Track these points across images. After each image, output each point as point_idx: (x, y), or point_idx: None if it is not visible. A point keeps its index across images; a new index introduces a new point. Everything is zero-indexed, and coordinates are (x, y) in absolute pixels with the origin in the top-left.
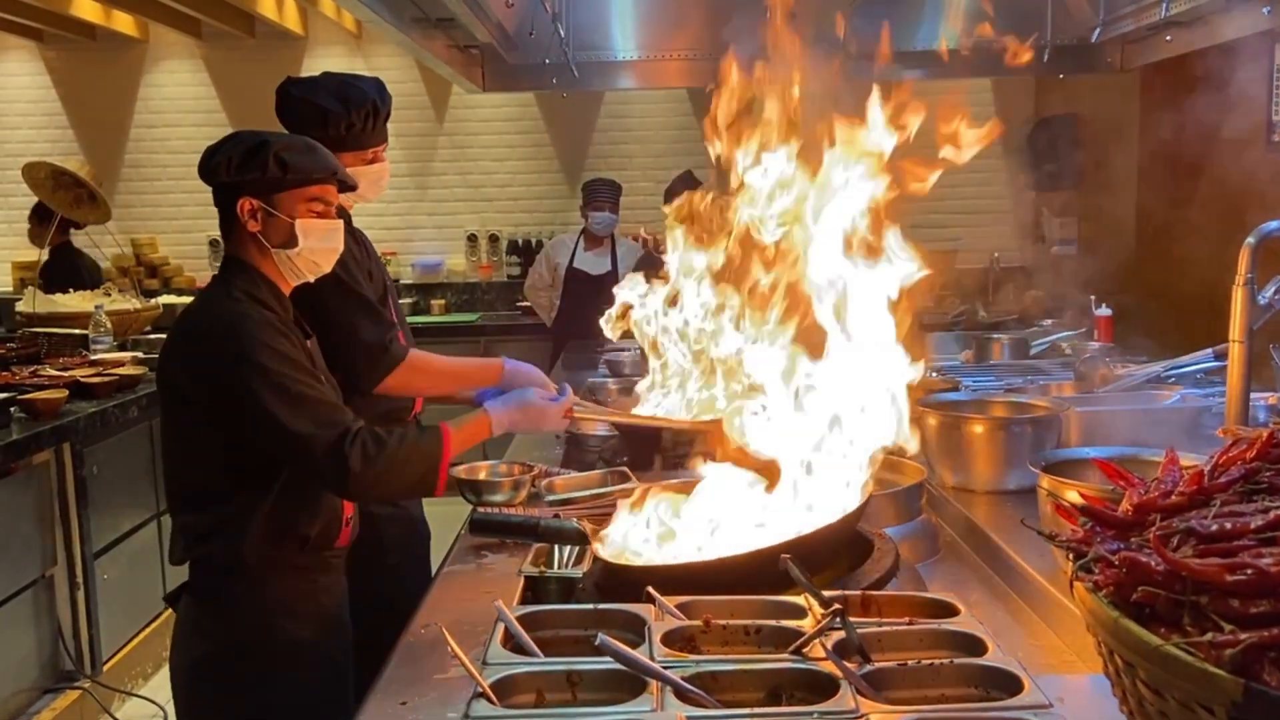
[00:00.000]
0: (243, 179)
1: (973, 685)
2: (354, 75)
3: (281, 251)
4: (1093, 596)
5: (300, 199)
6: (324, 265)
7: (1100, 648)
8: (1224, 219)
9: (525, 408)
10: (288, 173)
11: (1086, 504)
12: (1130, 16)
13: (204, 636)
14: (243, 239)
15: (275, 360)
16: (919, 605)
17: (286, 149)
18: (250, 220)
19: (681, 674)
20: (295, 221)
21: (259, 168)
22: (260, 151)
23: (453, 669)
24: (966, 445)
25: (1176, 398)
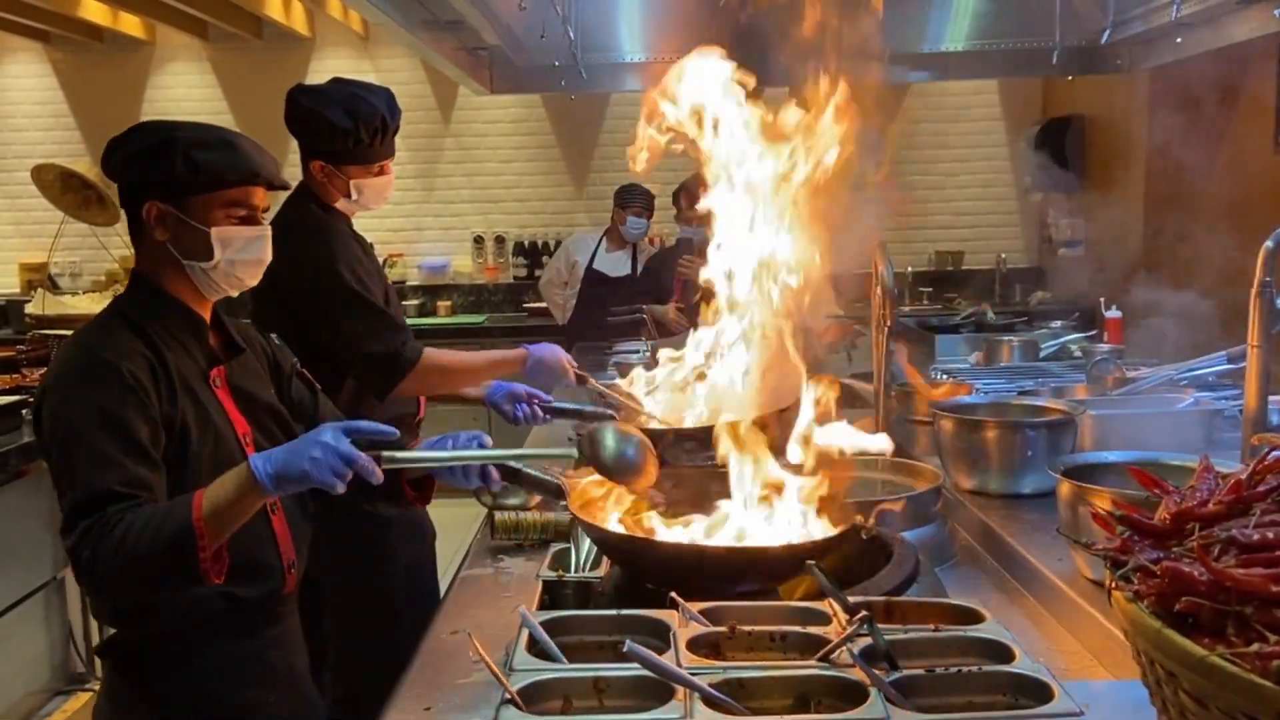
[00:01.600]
0: (147, 179)
1: (1001, 692)
2: (364, 85)
3: (195, 264)
4: (1134, 606)
5: (216, 204)
6: (247, 279)
7: (1139, 657)
8: (1232, 221)
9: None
10: (199, 174)
11: (1124, 512)
12: (1140, 18)
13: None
14: (150, 248)
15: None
16: (943, 611)
17: (198, 145)
18: (158, 228)
19: (709, 680)
20: (211, 230)
21: (165, 167)
22: (167, 149)
23: (475, 674)
24: (982, 449)
25: (1191, 401)
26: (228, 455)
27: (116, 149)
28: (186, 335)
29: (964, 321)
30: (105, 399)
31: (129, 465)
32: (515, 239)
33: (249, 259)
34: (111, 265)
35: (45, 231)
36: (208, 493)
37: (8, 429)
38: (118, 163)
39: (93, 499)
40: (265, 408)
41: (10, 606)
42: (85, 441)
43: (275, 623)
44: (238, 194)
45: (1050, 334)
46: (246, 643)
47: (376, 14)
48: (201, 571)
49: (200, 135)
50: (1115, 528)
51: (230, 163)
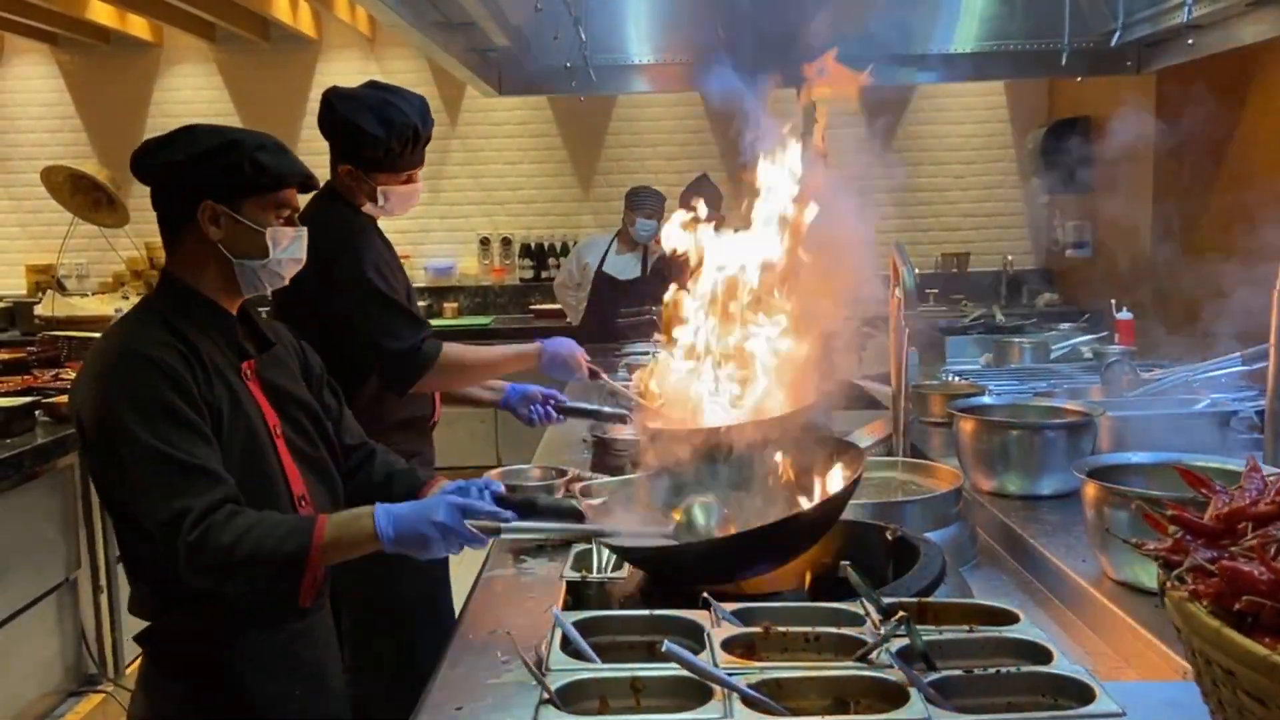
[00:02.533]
0: (208, 181)
1: (1041, 693)
2: (399, 92)
3: (247, 262)
4: (1191, 606)
5: (270, 205)
6: (287, 276)
7: (1194, 657)
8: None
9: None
10: (263, 175)
11: (1176, 513)
12: (1150, 19)
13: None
14: (190, 248)
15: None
16: (977, 612)
17: (260, 149)
18: (212, 227)
19: (747, 681)
20: (266, 230)
21: (230, 169)
22: (232, 151)
23: (505, 674)
24: (1002, 450)
25: (1207, 402)
26: (259, 446)
27: (164, 149)
28: (217, 332)
29: (972, 324)
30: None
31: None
32: (521, 241)
33: (293, 258)
34: (119, 267)
35: (52, 233)
36: (330, 525)
37: (20, 430)
38: (170, 162)
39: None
40: (296, 401)
41: (24, 608)
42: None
43: (303, 617)
44: (286, 196)
45: (1060, 335)
46: (273, 636)
47: (389, 14)
48: (300, 592)
49: (259, 140)
50: (1168, 528)
51: (288, 166)
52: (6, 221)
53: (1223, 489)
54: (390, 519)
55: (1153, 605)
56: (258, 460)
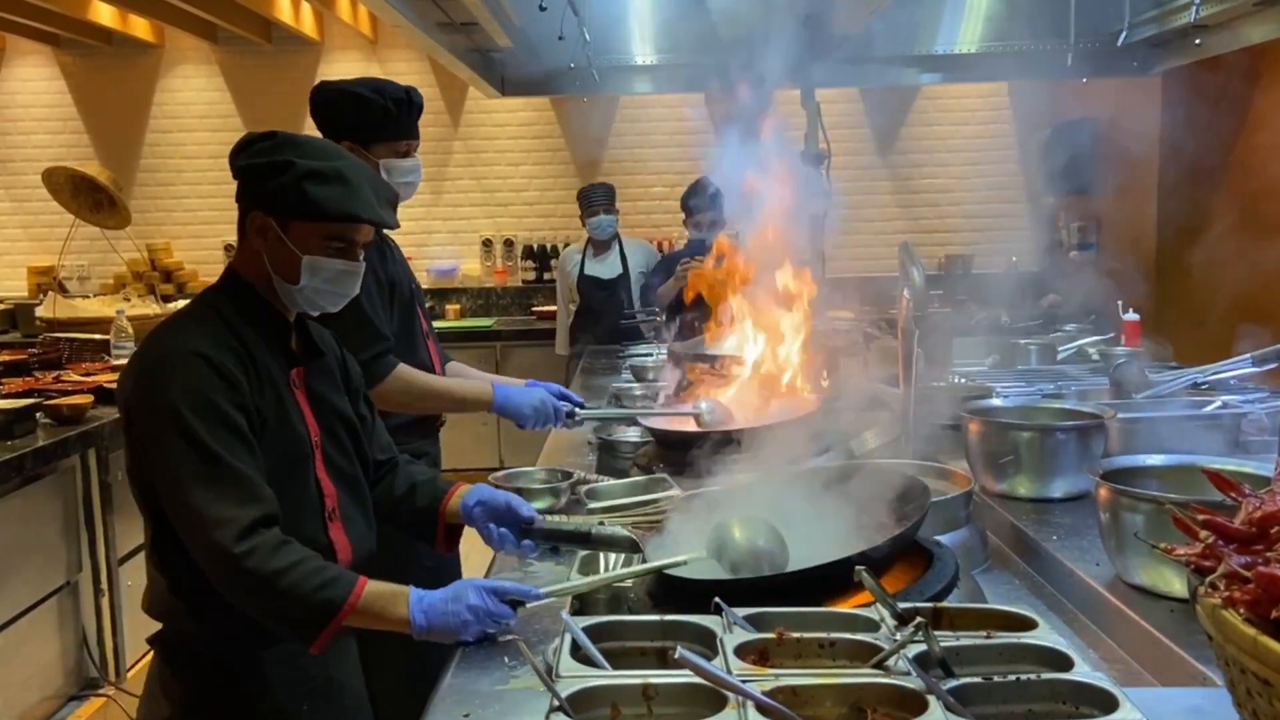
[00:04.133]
0: (259, 192)
1: (1061, 700)
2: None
3: (281, 281)
4: (1225, 614)
5: (316, 233)
6: (327, 307)
7: (1227, 666)
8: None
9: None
10: (305, 205)
11: (1208, 517)
12: (1156, 20)
13: (169, 700)
14: (248, 250)
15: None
16: (994, 617)
17: (312, 176)
18: (256, 236)
19: (761, 688)
20: (304, 257)
21: (278, 189)
22: (283, 170)
23: (513, 680)
24: (1012, 453)
25: (1218, 404)
26: (298, 456)
27: (241, 151)
28: (271, 336)
29: (977, 325)
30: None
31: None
32: (524, 242)
33: (333, 290)
34: (120, 268)
35: (54, 235)
36: (367, 593)
37: (22, 433)
38: (238, 166)
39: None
40: (338, 414)
41: (25, 611)
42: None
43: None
44: (340, 229)
45: (1066, 337)
46: (289, 648)
47: (392, 14)
48: (317, 642)
49: (317, 167)
50: (1199, 532)
51: (337, 201)
52: (8, 223)
53: (1253, 493)
54: (425, 613)
55: (1168, 610)
56: (295, 470)
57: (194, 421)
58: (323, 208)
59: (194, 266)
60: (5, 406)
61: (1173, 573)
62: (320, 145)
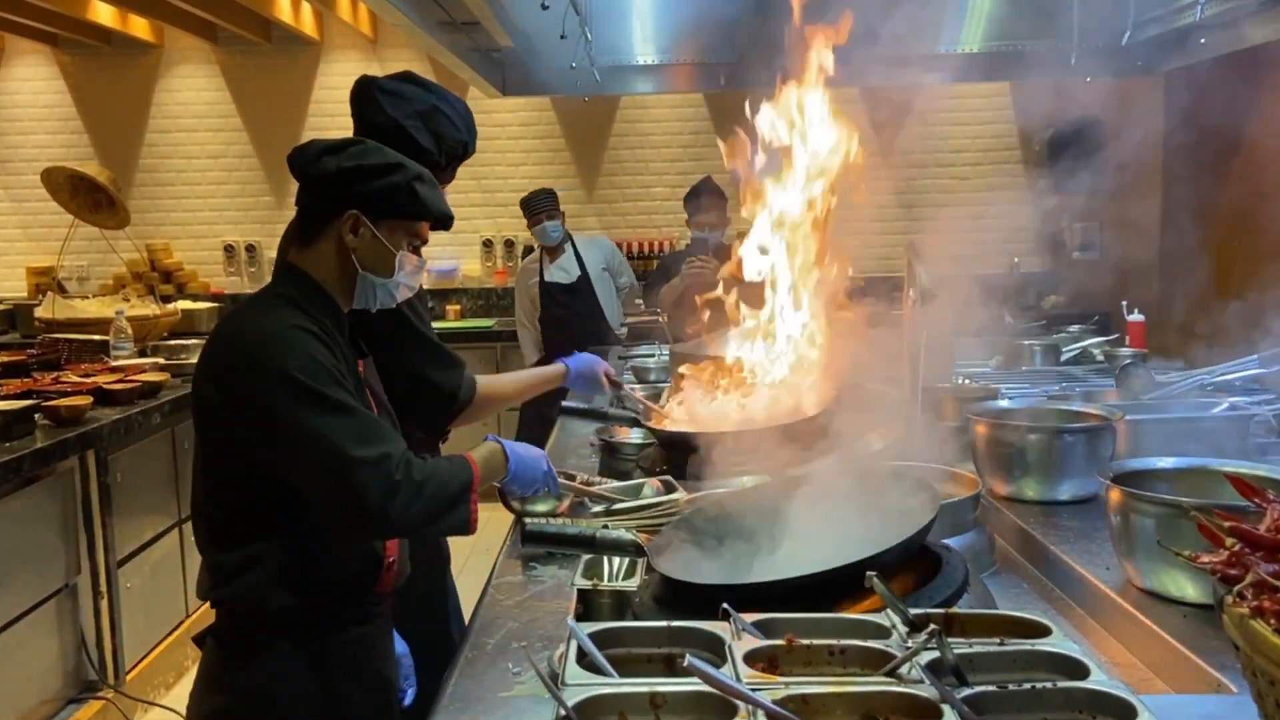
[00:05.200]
0: (362, 192)
1: (1078, 709)
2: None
3: (370, 276)
4: (1254, 623)
5: (407, 231)
6: (397, 299)
7: (1255, 678)
8: (1252, 223)
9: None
10: (415, 203)
11: (1235, 524)
12: (1160, 20)
13: (222, 690)
14: (323, 249)
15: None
16: (1006, 624)
17: (420, 180)
18: (350, 235)
19: (771, 697)
20: (398, 253)
21: (389, 190)
22: (394, 172)
23: (517, 686)
24: (1020, 455)
25: (1226, 405)
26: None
27: (331, 154)
28: (338, 329)
29: (980, 326)
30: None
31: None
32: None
33: (409, 284)
34: (120, 269)
35: (53, 235)
36: (478, 463)
37: (20, 434)
38: (335, 169)
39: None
40: (387, 409)
41: (23, 614)
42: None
43: (365, 621)
44: (422, 228)
45: (1070, 338)
46: (334, 636)
47: (393, 14)
48: (471, 518)
49: (420, 171)
50: (1225, 540)
51: (435, 203)
52: (7, 223)
53: (1277, 498)
54: (516, 458)
55: (1181, 615)
56: None
57: (313, 382)
58: (429, 207)
59: (193, 267)
60: (4, 408)
61: (1185, 577)
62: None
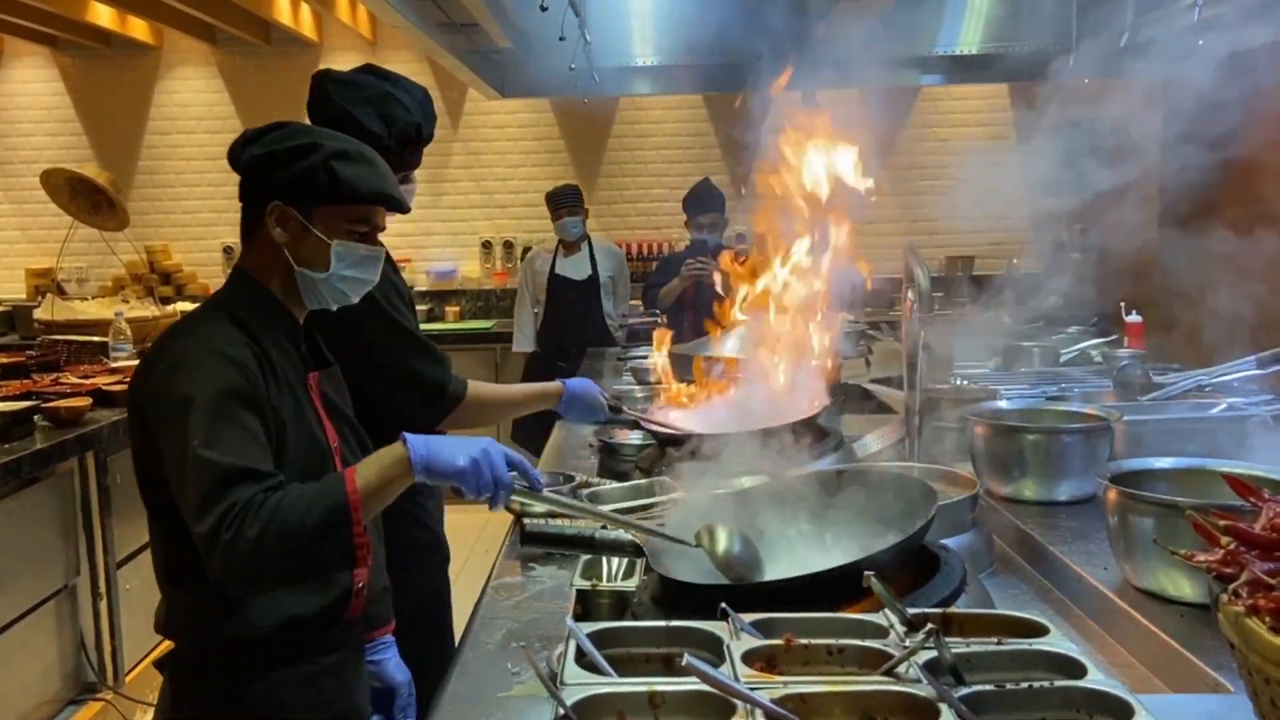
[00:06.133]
0: (280, 180)
1: (1076, 709)
2: (400, 83)
3: (306, 273)
4: (1249, 622)
5: (343, 217)
6: (352, 296)
7: (1250, 676)
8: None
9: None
10: (336, 185)
11: (1230, 523)
12: (1159, 21)
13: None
14: (262, 247)
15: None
16: (1004, 623)
17: (339, 157)
18: (278, 229)
19: (770, 696)
20: (332, 243)
21: (303, 171)
22: (309, 152)
23: (516, 686)
24: (1018, 455)
25: (1224, 406)
26: (319, 462)
27: (251, 143)
28: (285, 338)
29: (978, 327)
30: (225, 383)
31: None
32: (524, 244)
33: (358, 277)
34: (119, 270)
35: (52, 237)
36: (358, 470)
37: (20, 435)
38: (251, 157)
39: (234, 475)
40: (349, 421)
41: (22, 615)
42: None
43: (332, 650)
44: (365, 211)
45: (1068, 339)
46: (301, 667)
47: (393, 15)
48: (356, 548)
49: (342, 147)
50: (1220, 539)
51: (367, 179)
52: (6, 225)
53: (1274, 498)
54: (424, 444)
55: (1179, 615)
56: (315, 476)
57: (199, 422)
58: (355, 188)
59: (192, 269)
60: (3, 409)
61: (1183, 577)
62: (336, 132)
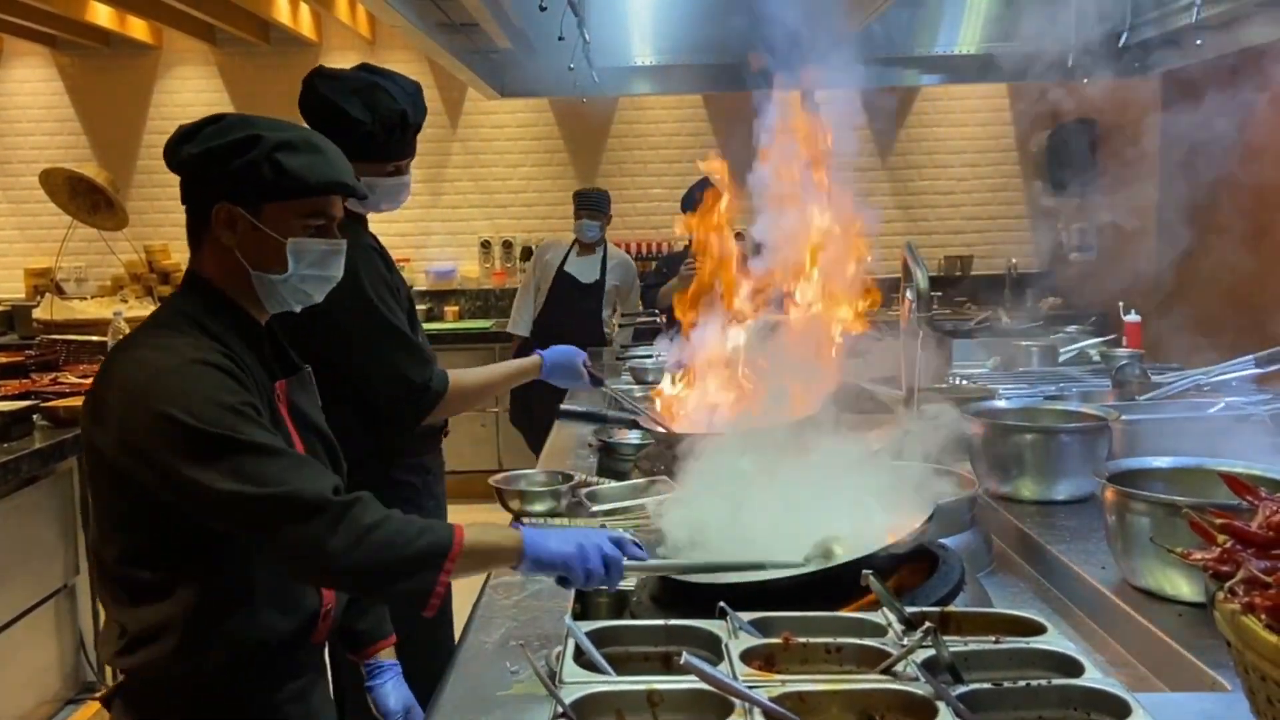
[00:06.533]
0: (223, 178)
1: (1073, 707)
2: (390, 76)
3: (264, 275)
4: (1245, 620)
5: (295, 212)
6: (315, 295)
7: (1247, 673)
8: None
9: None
10: (283, 178)
11: (1226, 521)
12: (1158, 20)
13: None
14: (212, 251)
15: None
16: (1002, 622)
17: (284, 148)
18: (225, 231)
19: (768, 695)
20: (287, 241)
21: (246, 167)
22: (250, 146)
23: (515, 685)
24: (1016, 455)
25: (1222, 405)
26: None
27: (186, 141)
28: (247, 345)
29: (978, 326)
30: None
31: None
32: (523, 244)
33: (320, 275)
34: (118, 270)
35: (51, 237)
36: (470, 529)
37: (19, 435)
38: (189, 156)
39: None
40: (317, 432)
41: (21, 614)
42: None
43: (298, 675)
44: (319, 203)
45: (1067, 338)
46: (263, 694)
47: (392, 15)
48: (433, 595)
49: (286, 136)
50: (1216, 537)
51: (317, 168)
52: (5, 224)
53: (1270, 496)
54: (537, 545)
55: (1176, 614)
56: None
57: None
58: (304, 179)
59: None
60: (2, 409)
61: (1181, 576)
62: (276, 119)
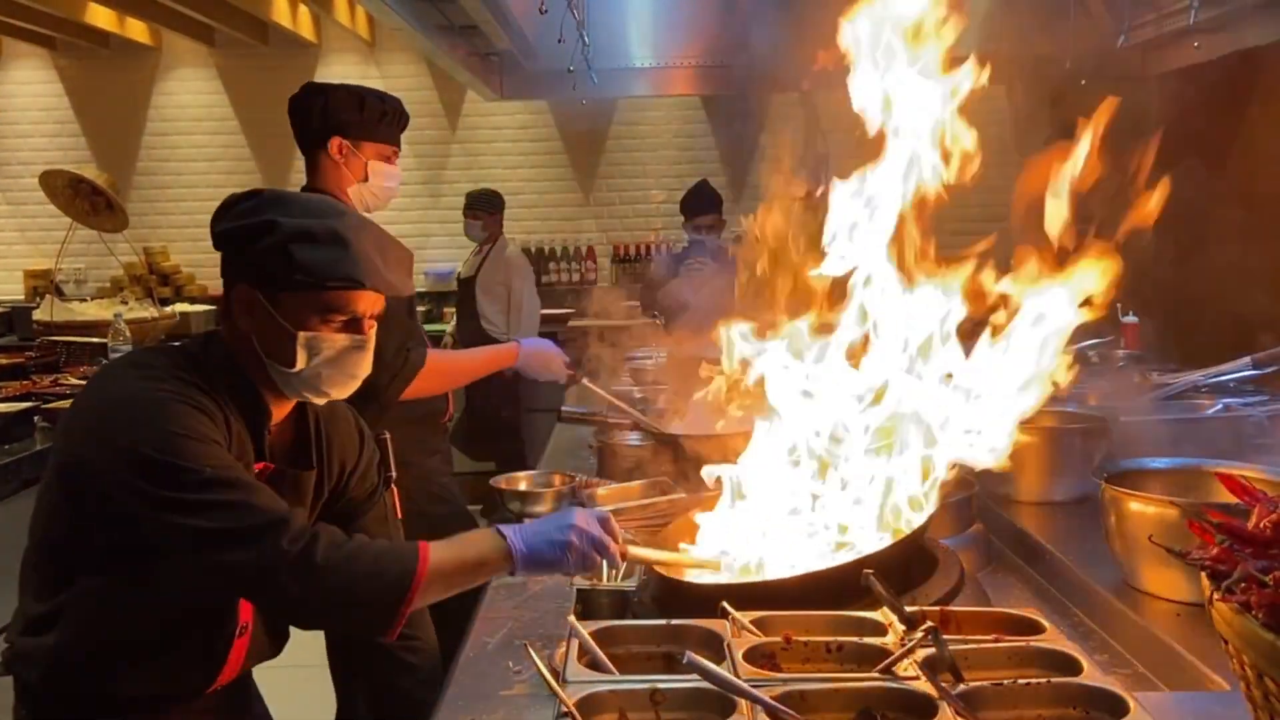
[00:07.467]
0: (240, 260)
1: (1072, 705)
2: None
3: (276, 366)
4: (1242, 618)
5: (311, 305)
6: (334, 392)
7: (1245, 671)
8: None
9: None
10: (294, 271)
11: (1223, 521)
12: (1155, 23)
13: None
14: (231, 329)
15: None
16: (1001, 621)
17: (302, 238)
18: (243, 313)
19: (770, 693)
20: (299, 334)
21: (259, 254)
22: (264, 233)
23: (517, 684)
24: (1014, 455)
25: (1219, 406)
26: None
27: (222, 214)
28: (244, 422)
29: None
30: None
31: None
32: (521, 245)
33: (338, 372)
34: (117, 272)
35: (50, 238)
36: (440, 550)
37: (19, 437)
38: (219, 232)
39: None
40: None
41: None
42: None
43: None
44: (336, 298)
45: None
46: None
47: (391, 16)
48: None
49: (306, 225)
50: (1215, 536)
51: (333, 263)
52: (5, 226)
53: (1266, 495)
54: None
55: (1175, 613)
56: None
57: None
58: (312, 272)
59: (191, 270)
60: (2, 410)
61: (1178, 575)
62: (313, 202)
